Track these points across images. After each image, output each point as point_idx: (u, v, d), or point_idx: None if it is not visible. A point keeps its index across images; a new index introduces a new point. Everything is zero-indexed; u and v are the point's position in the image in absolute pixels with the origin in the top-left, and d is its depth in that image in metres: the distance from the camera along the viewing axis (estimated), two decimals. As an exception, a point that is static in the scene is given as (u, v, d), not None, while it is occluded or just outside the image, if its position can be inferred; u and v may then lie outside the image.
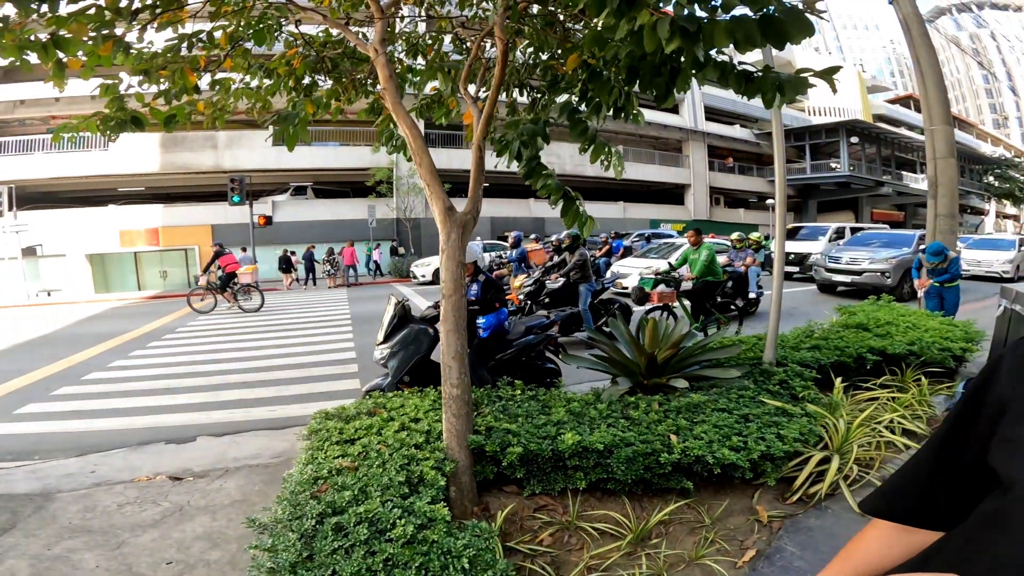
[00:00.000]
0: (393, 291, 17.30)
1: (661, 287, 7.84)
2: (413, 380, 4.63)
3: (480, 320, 4.88)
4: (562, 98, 3.53)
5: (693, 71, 2.13)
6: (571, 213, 3.11)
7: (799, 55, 46.66)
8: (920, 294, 7.78)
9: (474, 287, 5.02)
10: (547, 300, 8.13)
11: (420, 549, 2.07)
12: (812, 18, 1.80)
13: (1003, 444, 0.63)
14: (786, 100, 2.15)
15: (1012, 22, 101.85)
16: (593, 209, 29.92)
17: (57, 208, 23.34)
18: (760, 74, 2.10)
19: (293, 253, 21.55)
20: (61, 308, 16.45)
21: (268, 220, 20.93)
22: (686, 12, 1.92)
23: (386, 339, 4.60)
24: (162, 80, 3.27)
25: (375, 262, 23.40)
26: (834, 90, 1.90)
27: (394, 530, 2.15)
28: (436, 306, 5.02)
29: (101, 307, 16.35)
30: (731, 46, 1.81)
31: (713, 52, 2.12)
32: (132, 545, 3.21)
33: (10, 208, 18.31)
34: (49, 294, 19.68)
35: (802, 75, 2.01)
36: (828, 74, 1.91)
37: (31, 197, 23.28)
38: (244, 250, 19.81)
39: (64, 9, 2.51)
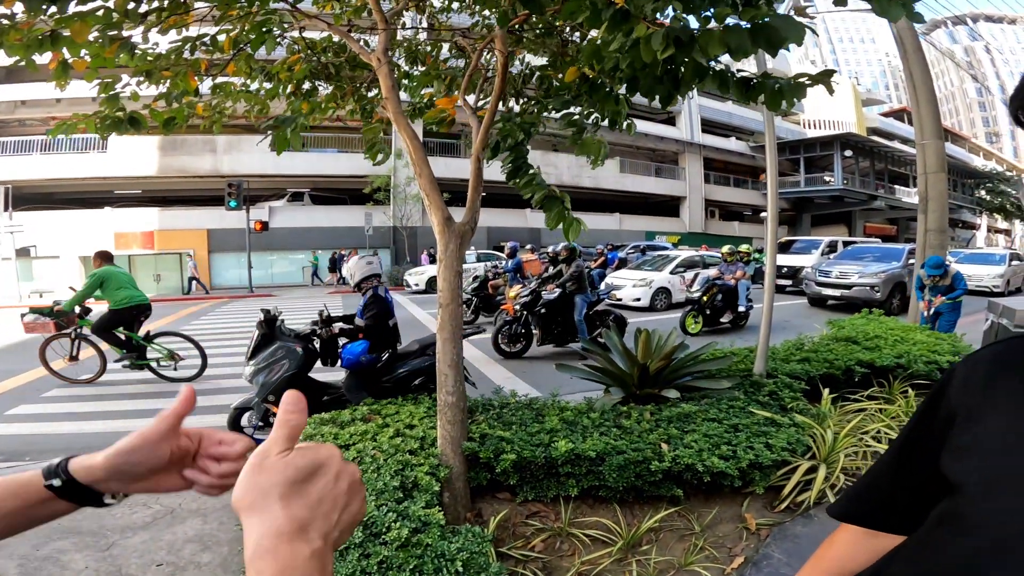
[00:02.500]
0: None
1: (31, 317, 6.75)
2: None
3: (341, 349, 4.47)
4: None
5: (695, 80, 2.19)
6: (555, 213, 3.03)
7: (796, 68, 47.21)
8: (927, 313, 7.49)
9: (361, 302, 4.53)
10: (542, 311, 8.17)
11: (414, 552, 2.09)
12: (803, 22, 1.85)
13: (952, 451, 0.66)
14: (786, 106, 2.20)
15: (1007, 35, 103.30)
16: (589, 220, 29.88)
17: (53, 209, 23.27)
18: (759, 81, 2.16)
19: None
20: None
21: (264, 226, 20.94)
22: (680, 23, 1.98)
23: (252, 355, 4.43)
24: (164, 81, 3.30)
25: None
26: (831, 91, 1.96)
27: (389, 533, 2.17)
28: (323, 322, 4.59)
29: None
30: (726, 55, 1.86)
31: (712, 62, 2.19)
32: (122, 547, 3.21)
33: (5, 208, 18.24)
34: (41, 296, 19.57)
35: (799, 80, 2.07)
36: (824, 77, 1.97)
37: (27, 198, 23.19)
38: (190, 256, 20.01)
39: (73, 9, 2.54)
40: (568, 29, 3.58)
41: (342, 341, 4.55)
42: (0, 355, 9.43)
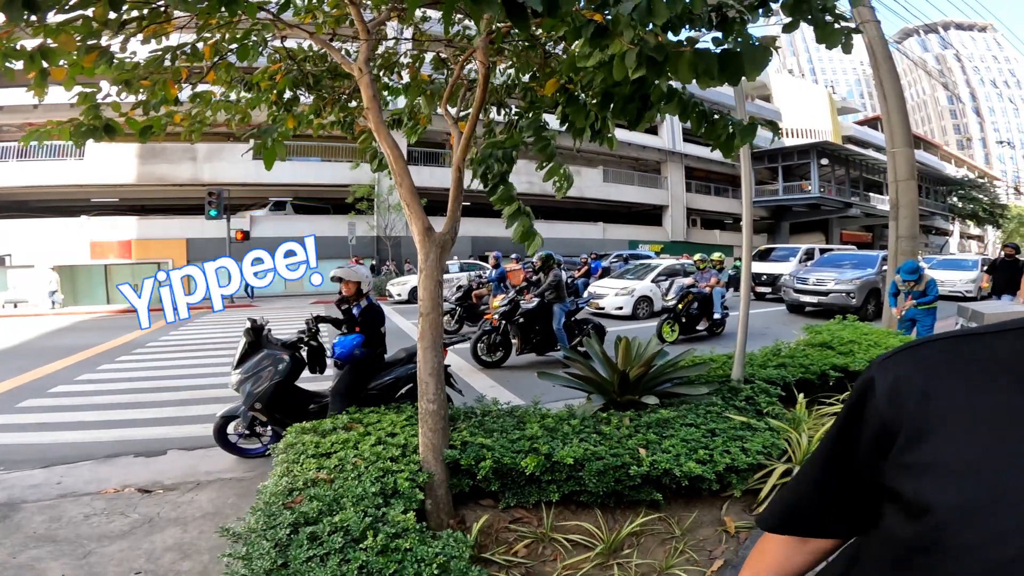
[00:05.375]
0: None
1: None
2: (274, 408, 4.41)
3: (335, 340, 4.47)
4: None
5: (660, 103, 2.26)
6: (520, 226, 3.10)
7: (773, 78, 48.00)
8: (898, 316, 7.64)
9: (354, 312, 4.51)
10: (521, 320, 8.20)
11: (394, 557, 2.11)
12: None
13: (906, 469, 0.63)
14: (739, 147, 2.29)
15: (977, 44, 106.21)
16: (573, 230, 29.97)
17: (28, 217, 22.82)
18: (717, 118, 2.24)
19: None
20: (28, 320, 16.05)
21: (246, 235, 20.72)
22: (656, 43, 2.04)
23: (239, 364, 4.48)
24: (142, 91, 3.30)
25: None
26: (776, 132, 2.06)
27: (368, 539, 2.19)
28: (312, 330, 4.68)
29: (69, 320, 15.98)
30: (693, 80, 1.93)
31: (679, 87, 2.26)
32: (99, 555, 3.19)
33: (-22, 217, 17.86)
34: (16, 305, 19.18)
35: (752, 123, 2.16)
36: (773, 127, 2.06)
37: (2, 206, 22.75)
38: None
39: (52, 19, 2.54)
40: (551, 42, 3.64)
41: (333, 339, 4.55)
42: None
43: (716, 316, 10.27)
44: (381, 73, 4.40)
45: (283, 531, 2.25)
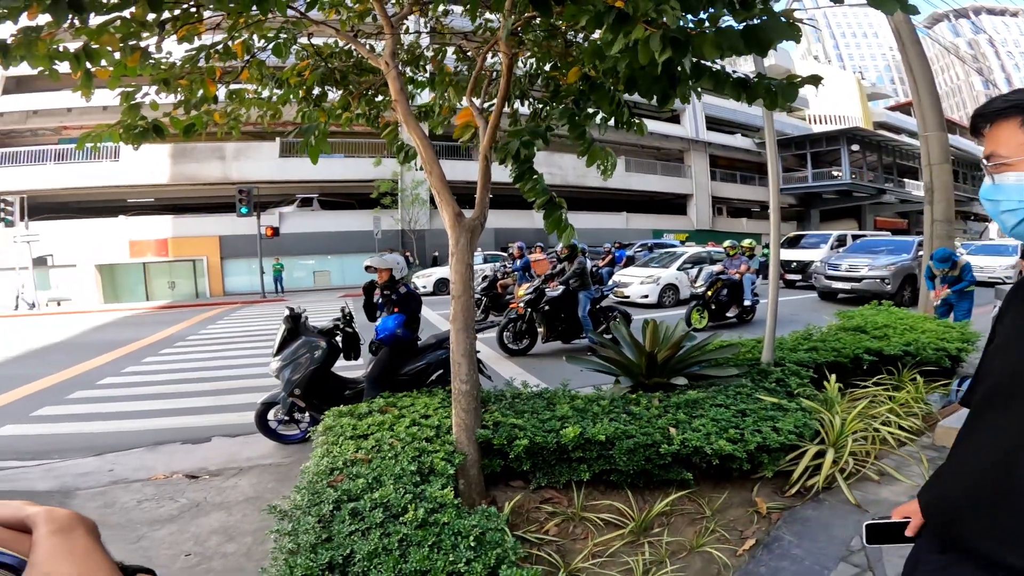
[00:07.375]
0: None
1: None
2: (311, 395, 4.58)
3: (377, 323, 4.65)
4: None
5: (691, 80, 2.27)
6: (553, 219, 3.23)
7: (799, 64, 46.90)
8: (937, 302, 7.54)
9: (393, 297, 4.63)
10: (546, 308, 8.25)
11: (432, 530, 2.19)
12: (801, 19, 1.94)
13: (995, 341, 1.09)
14: (780, 105, 2.28)
15: (1010, 29, 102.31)
16: (596, 220, 29.70)
17: (67, 218, 23.60)
18: (755, 81, 2.24)
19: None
20: (71, 317, 16.65)
21: (275, 231, 21.12)
22: (678, 24, 2.06)
23: (278, 351, 4.66)
24: (180, 90, 3.43)
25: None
26: (816, 86, 2.05)
27: (407, 514, 2.28)
28: (345, 319, 4.88)
29: (111, 316, 16.54)
30: (719, 56, 1.94)
31: (708, 63, 2.27)
32: (151, 539, 3.34)
33: (22, 218, 18.55)
34: (59, 304, 19.89)
35: (792, 81, 2.15)
36: (813, 80, 2.06)
37: (42, 207, 23.54)
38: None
39: (93, 20, 2.65)
40: (570, 31, 3.66)
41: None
42: (20, 360, 9.63)
43: (746, 303, 10.19)
44: (407, 67, 4.48)
45: (327, 507, 2.35)
